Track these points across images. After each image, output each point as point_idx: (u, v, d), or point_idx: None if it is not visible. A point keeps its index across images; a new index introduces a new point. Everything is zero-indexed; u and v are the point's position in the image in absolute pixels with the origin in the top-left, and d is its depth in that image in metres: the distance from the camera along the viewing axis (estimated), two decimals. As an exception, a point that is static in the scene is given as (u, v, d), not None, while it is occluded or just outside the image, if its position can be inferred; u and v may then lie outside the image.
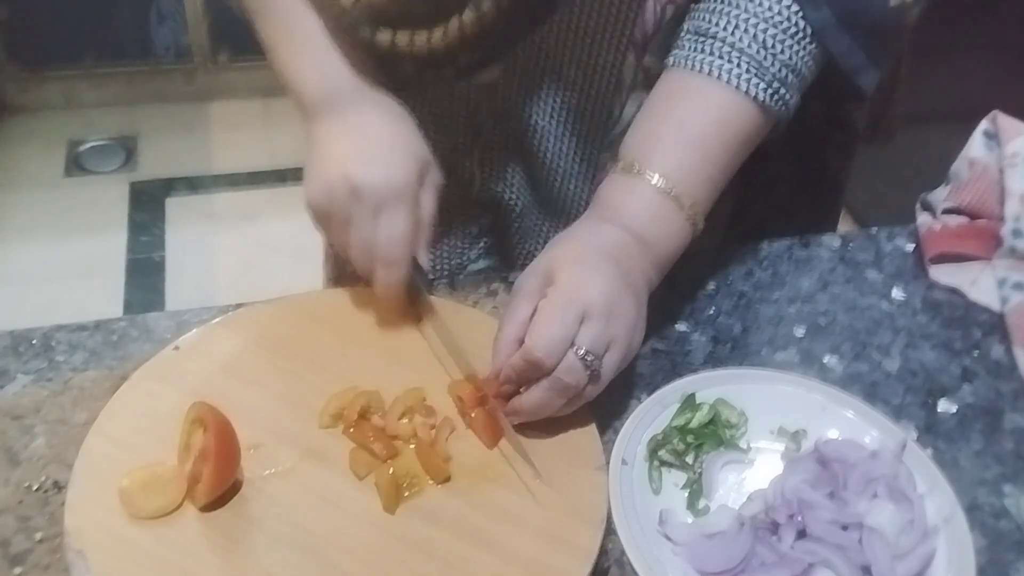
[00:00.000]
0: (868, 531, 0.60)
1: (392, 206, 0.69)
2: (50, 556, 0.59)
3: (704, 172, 0.71)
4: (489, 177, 0.89)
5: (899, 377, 0.75)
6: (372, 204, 0.69)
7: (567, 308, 0.63)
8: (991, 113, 0.88)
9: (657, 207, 0.70)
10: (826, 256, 0.87)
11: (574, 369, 0.63)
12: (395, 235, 0.69)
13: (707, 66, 0.71)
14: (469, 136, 0.87)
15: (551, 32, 0.79)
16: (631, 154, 0.72)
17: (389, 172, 0.69)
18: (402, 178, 0.69)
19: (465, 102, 0.85)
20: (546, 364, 0.62)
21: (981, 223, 0.86)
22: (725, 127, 0.71)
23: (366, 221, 0.69)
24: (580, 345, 0.63)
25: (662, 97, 0.74)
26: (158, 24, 2.67)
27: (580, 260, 0.66)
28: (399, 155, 0.70)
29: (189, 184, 2.59)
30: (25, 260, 2.36)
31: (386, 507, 0.62)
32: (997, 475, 0.68)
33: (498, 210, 0.92)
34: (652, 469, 0.66)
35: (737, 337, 0.78)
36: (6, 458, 0.65)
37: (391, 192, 0.69)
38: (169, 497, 0.60)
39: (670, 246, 0.71)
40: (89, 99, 2.79)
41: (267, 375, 0.69)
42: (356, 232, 0.70)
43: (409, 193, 0.70)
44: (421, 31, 0.73)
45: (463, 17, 0.71)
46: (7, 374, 0.71)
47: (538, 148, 0.86)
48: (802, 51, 0.71)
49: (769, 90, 0.70)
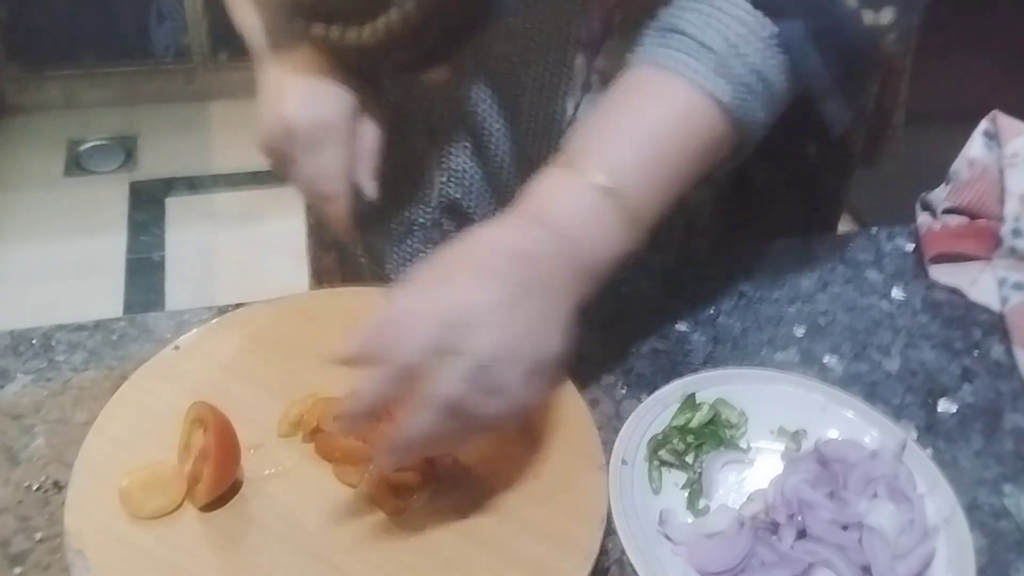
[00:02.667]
0: (868, 531, 0.60)
1: (323, 142, 0.72)
2: (50, 556, 0.59)
3: (653, 173, 0.64)
4: (448, 182, 0.88)
5: (899, 377, 0.75)
6: (306, 141, 0.72)
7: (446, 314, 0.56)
8: (991, 113, 0.88)
9: (593, 206, 0.62)
10: (826, 256, 0.87)
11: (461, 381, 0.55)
12: (329, 169, 0.72)
13: (670, 61, 0.66)
14: (426, 138, 0.87)
15: (499, 34, 0.78)
16: (573, 146, 0.66)
17: (318, 109, 0.72)
18: (331, 113, 0.72)
19: (421, 103, 0.85)
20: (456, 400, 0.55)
21: (981, 223, 0.86)
22: (682, 127, 0.65)
23: (303, 157, 0.72)
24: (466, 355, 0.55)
25: (617, 92, 0.68)
26: (158, 24, 2.67)
27: (475, 264, 0.59)
28: (330, 92, 0.73)
29: (189, 184, 2.60)
30: (25, 260, 2.36)
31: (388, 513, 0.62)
32: (997, 475, 0.68)
33: (458, 216, 0.91)
34: (652, 469, 0.66)
35: (737, 337, 0.78)
36: (6, 458, 0.65)
37: (321, 128, 0.72)
38: (169, 497, 0.60)
39: (602, 253, 0.63)
40: (89, 99, 2.79)
41: (267, 375, 0.69)
42: (296, 170, 0.73)
43: (340, 127, 0.72)
44: (352, 27, 0.73)
45: (391, 15, 0.71)
46: (7, 374, 0.71)
47: (493, 149, 0.85)
48: (772, 59, 0.66)
49: (735, 93, 0.65)
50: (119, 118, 2.78)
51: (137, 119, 2.78)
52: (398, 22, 0.71)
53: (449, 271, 0.59)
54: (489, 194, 0.89)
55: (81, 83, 2.77)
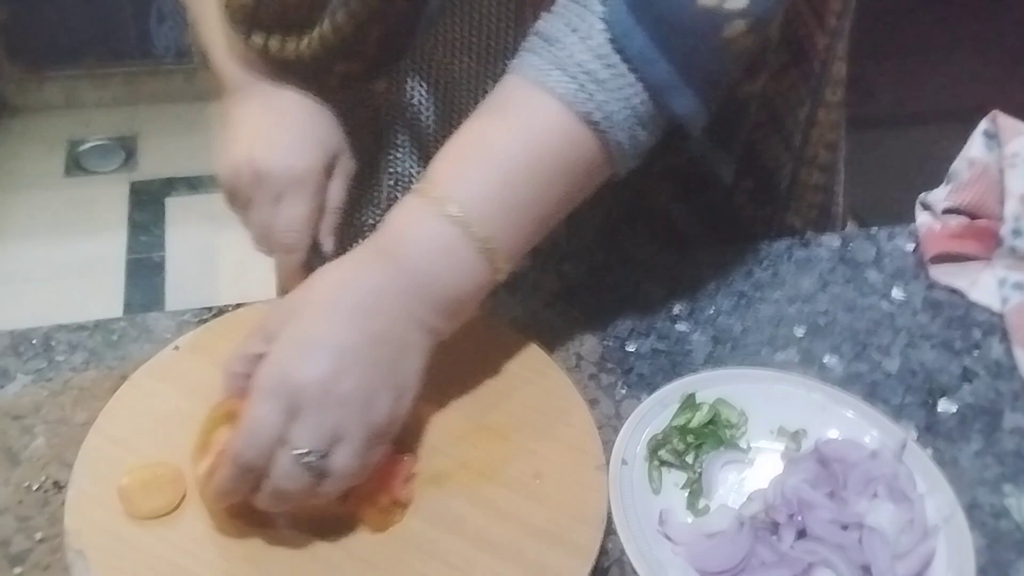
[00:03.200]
0: (868, 531, 0.60)
1: (292, 193, 0.70)
2: (50, 556, 0.59)
3: (505, 199, 0.61)
4: (395, 186, 0.87)
5: (899, 377, 0.75)
6: (273, 189, 0.69)
7: (272, 400, 0.54)
8: (991, 113, 0.88)
9: (443, 238, 0.59)
10: (826, 256, 0.87)
11: (292, 475, 0.54)
12: (293, 221, 0.70)
13: (519, 63, 0.62)
14: (372, 143, 0.85)
15: (436, 40, 0.75)
16: (431, 173, 0.62)
17: (292, 159, 0.70)
18: (304, 166, 0.70)
19: (366, 109, 0.82)
20: (257, 465, 0.55)
21: (981, 223, 0.86)
22: (530, 141, 0.61)
23: (266, 205, 0.70)
24: (296, 445, 0.54)
25: (484, 107, 0.64)
26: (158, 24, 2.67)
27: (308, 326, 0.57)
28: (306, 143, 0.71)
29: (189, 184, 2.59)
30: (25, 260, 2.36)
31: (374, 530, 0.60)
32: (997, 475, 0.68)
33: None
34: (652, 469, 0.66)
35: (737, 337, 0.78)
36: (6, 458, 0.65)
37: (292, 179, 0.69)
38: (168, 497, 0.60)
39: (457, 287, 0.60)
40: (89, 99, 2.79)
41: (267, 375, 0.69)
42: (256, 214, 0.71)
43: (311, 181, 0.70)
44: (290, 38, 0.73)
45: (323, 27, 0.71)
46: (7, 374, 0.71)
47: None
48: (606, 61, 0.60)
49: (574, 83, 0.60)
50: (119, 118, 2.78)
51: (137, 119, 2.78)
52: (330, 33, 0.70)
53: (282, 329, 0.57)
54: None
55: (81, 83, 2.77)
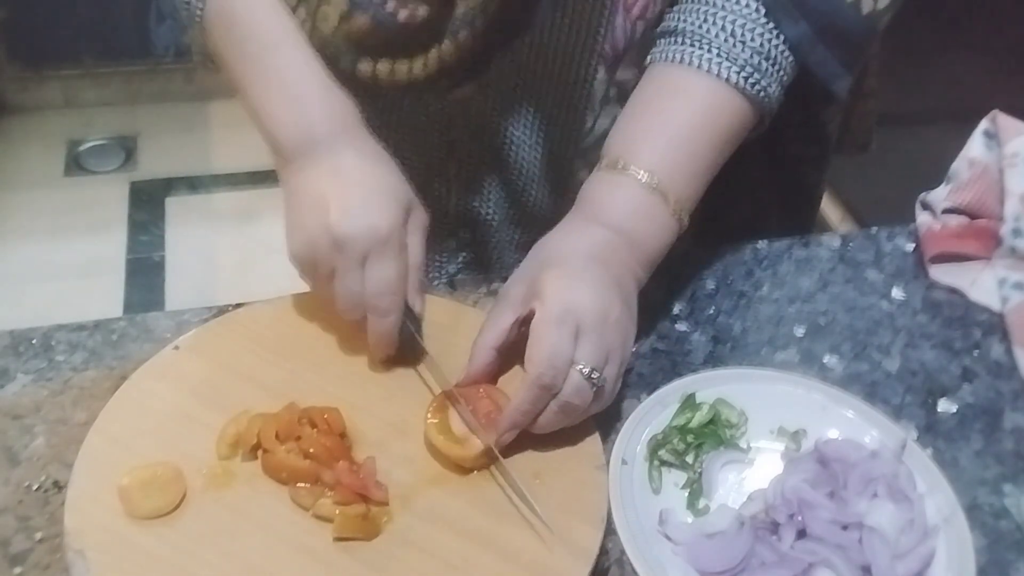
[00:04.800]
0: (868, 531, 0.60)
1: (378, 255, 0.66)
2: (50, 556, 0.59)
3: (687, 165, 0.71)
4: (465, 192, 0.89)
5: (899, 377, 0.75)
6: (357, 255, 0.65)
7: (561, 326, 0.63)
8: (991, 113, 0.88)
9: (642, 203, 0.70)
10: (826, 256, 0.87)
11: (581, 389, 0.63)
12: (384, 285, 0.66)
13: (678, 55, 0.71)
14: (444, 151, 0.87)
15: (524, 48, 0.79)
16: (615, 150, 0.72)
17: (372, 220, 0.65)
18: (386, 225, 0.66)
19: (439, 117, 0.85)
20: (556, 385, 0.62)
21: (981, 223, 0.86)
22: (705, 117, 0.71)
23: (352, 272, 0.66)
24: (583, 363, 0.63)
25: (642, 93, 0.74)
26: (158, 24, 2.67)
27: (566, 270, 0.65)
28: (382, 200, 0.67)
29: (189, 184, 2.59)
30: (25, 260, 2.36)
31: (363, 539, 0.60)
32: (997, 475, 0.68)
33: (475, 225, 0.92)
34: (652, 469, 0.66)
35: (737, 337, 0.78)
36: (6, 458, 0.65)
37: (376, 241, 0.65)
38: (168, 497, 0.60)
39: (656, 243, 0.71)
40: (89, 99, 2.79)
41: (267, 375, 0.69)
42: (342, 283, 0.66)
43: (395, 239, 0.66)
44: (402, 61, 0.73)
45: (442, 47, 0.71)
46: (7, 374, 0.71)
47: (512, 161, 0.86)
48: (774, 39, 0.71)
49: (742, 73, 0.70)
50: (119, 118, 2.78)
51: (137, 119, 2.78)
52: (451, 52, 0.72)
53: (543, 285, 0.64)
54: (504, 199, 0.90)
55: (81, 83, 2.77)
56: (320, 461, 0.62)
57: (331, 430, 0.64)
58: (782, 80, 0.73)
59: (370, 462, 0.63)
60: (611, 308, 0.65)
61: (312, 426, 0.64)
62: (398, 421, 0.67)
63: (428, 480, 0.63)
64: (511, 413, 0.63)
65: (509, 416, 0.63)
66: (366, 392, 0.69)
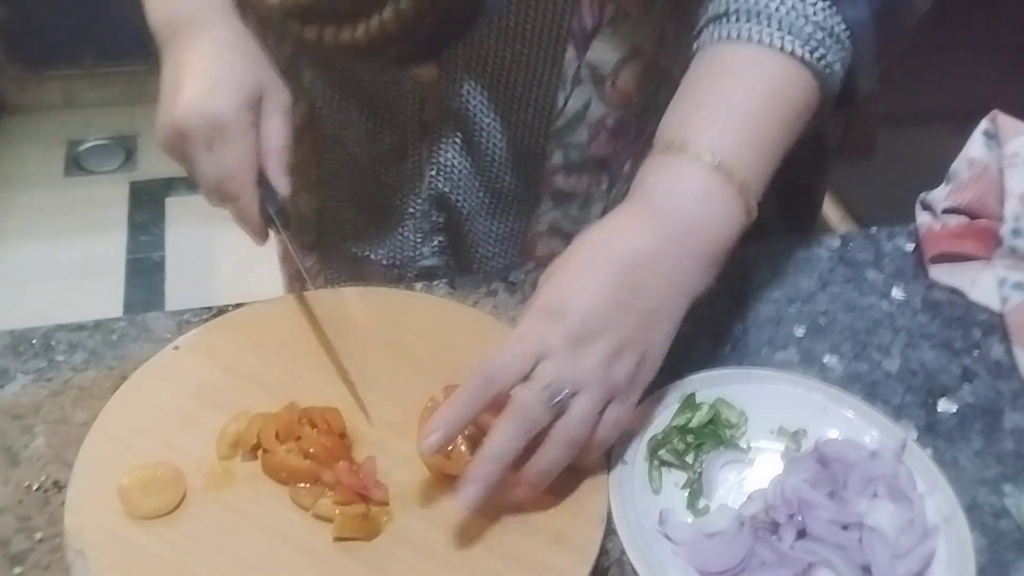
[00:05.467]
0: (868, 531, 0.60)
1: (221, 139, 0.68)
2: (50, 556, 0.59)
3: (756, 145, 0.65)
4: (437, 176, 0.88)
5: (899, 377, 0.75)
6: (201, 141, 0.68)
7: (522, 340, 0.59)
8: (991, 113, 0.88)
9: (704, 186, 0.63)
10: (826, 256, 0.87)
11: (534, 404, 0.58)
12: (227, 170, 0.69)
13: (734, 32, 0.66)
14: (417, 132, 0.86)
15: (491, 31, 0.78)
16: (670, 132, 0.65)
17: (208, 107, 0.68)
18: (224, 110, 0.68)
19: (412, 98, 0.84)
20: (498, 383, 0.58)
21: (981, 223, 0.86)
22: (774, 93, 0.66)
23: (202, 158, 0.69)
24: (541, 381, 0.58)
25: (694, 75, 0.68)
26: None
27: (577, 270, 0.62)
28: (221, 87, 0.69)
29: (189, 184, 2.57)
30: (25, 260, 2.36)
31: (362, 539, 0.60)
32: (997, 475, 0.68)
33: (449, 210, 0.91)
34: (652, 469, 0.66)
35: (737, 337, 0.78)
36: (6, 458, 0.65)
37: (213, 125, 0.68)
38: (168, 497, 0.60)
39: (721, 232, 0.63)
40: (89, 99, 2.79)
41: (267, 375, 0.69)
42: (195, 170, 0.70)
43: (237, 123, 0.68)
44: (346, 26, 0.73)
45: (383, 15, 0.71)
46: (7, 374, 0.71)
47: (484, 143, 0.85)
48: (833, 15, 0.66)
49: (807, 47, 0.65)
50: (119, 118, 2.78)
51: (137, 119, 2.78)
52: (392, 19, 0.71)
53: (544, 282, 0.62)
54: (477, 187, 0.89)
55: (81, 83, 2.77)
56: (320, 461, 0.62)
57: (331, 430, 0.64)
58: (844, 61, 0.67)
59: (370, 462, 0.63)
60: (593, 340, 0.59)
61: (312, 426, 0.64)
62: (398, 421, 0.67)
63: (428, 480, 0.63)
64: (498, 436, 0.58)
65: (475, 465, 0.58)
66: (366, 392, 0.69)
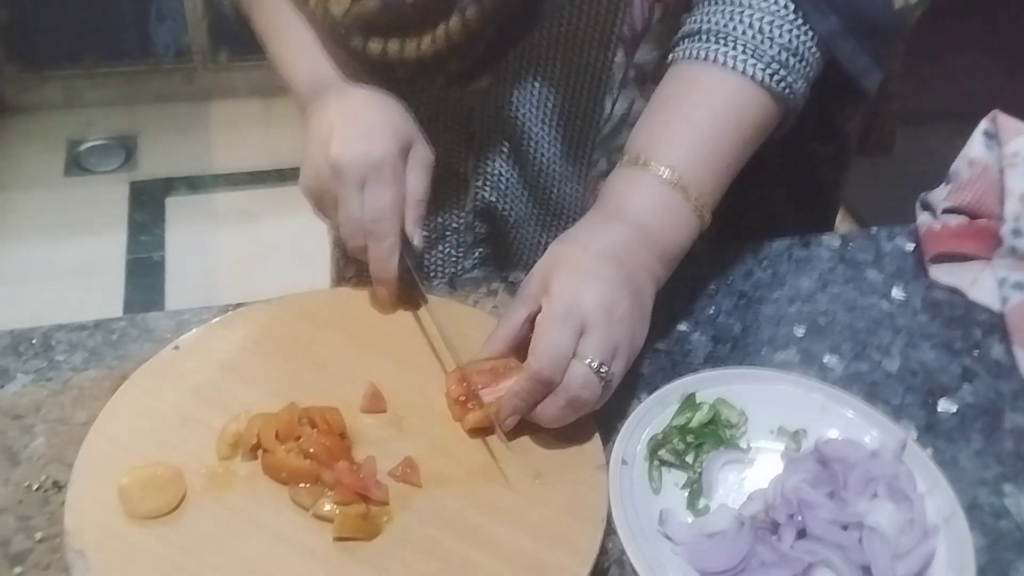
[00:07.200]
0: (868, 531, 0.60)
1: (374, 180, 0.70)
2: (50, 556, 0.59)
3: (710, 162, 0.71)
4: (483, 186, 0.90)
5: (899, 377, 0.75)
6: (354, 180, 0.70)
7: (565, 322, 0.63)
8: (991, 113, 0.88)
9: (663, 199, 0.70)
10: (826, 256, 0.87)
11: (589, 383, 0.63)
12: (379, 210, 0.71)
13: (703, 52, 0.71)
14: (463, 143, 0.87)
15: (541, 41, 0.80)
16: (637, 147, 0.72)
17: (367, 148, 0.70)
18: (380, 152, 0.70)
19: (459, 108, 0.85)
20: (554, 380, 0.63)
21: (981, 223, 0.86)
22: (729, 114, 0.71)
23: (351, 197, 0.71)
24: (590, 357, 0.63)
25: (664, 91, 0.74)
26: (158, 24, 2.67)
27: (576, 266, 0.66)
28: (378, 132, 0.72)
29: (189, 184, 2.60)
30: (25, 260, 2.36)
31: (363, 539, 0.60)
32: (997, 475, 0.69)
33: (494, 220, 0.92)
34: (652, 469, 0.66)
35: (737, 337, 0.78)
36: (6, 458, 0.65)
37: (370, 166, 0.70)
38: (168, 497, 0.60)
39: (677, 240, 0.71)
40: (89, 99, 2.79)
41: (267, 375, 0.69)
42: (343, 209, 0.71)
43: (389, 166, 0.71)
44: (411, 39, 0.75)
45: (449, 24, 0.73)
46: (7, 374, 0.71)
47: (531, 152, 0.86)
48: (801, 35, 0.71)
49: (768, 71, 0.70)
50: (119, 118, 2.78)
51: (137, 119, 2.78)
52: (457, 29, 0.73)
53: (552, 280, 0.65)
54: (525, 196, 0.90)
55: (81, 83, 2.77)
56: (320, 461, 0.62)
57: (331, 430, 0.64)
58: (808, 75, 0.73)
59: (370, 462, 0.63)
60: (617, 304, 0.65)
61: (312, 426, 0.64)
62: (398, 421, 0.67)
63: (428, 480, 0.63)
64: (508, 399, 0.64)
65: (507, 403, 0.65)
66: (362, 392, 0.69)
